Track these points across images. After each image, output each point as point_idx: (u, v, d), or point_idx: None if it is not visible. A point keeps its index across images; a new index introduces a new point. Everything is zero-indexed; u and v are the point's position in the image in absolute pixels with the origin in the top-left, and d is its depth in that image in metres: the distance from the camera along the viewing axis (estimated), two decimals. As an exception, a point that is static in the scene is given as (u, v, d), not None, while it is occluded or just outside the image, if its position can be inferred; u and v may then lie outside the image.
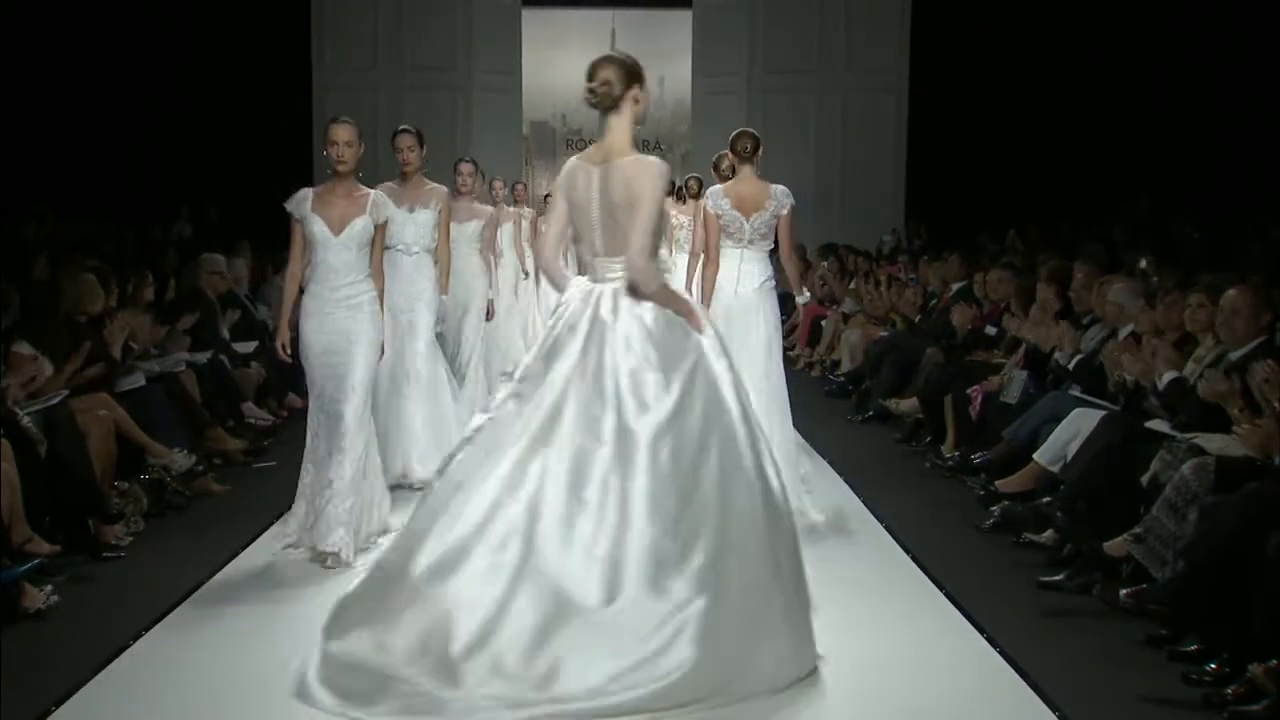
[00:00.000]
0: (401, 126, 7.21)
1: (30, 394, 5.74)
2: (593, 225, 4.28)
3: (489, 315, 8.37)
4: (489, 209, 8.55)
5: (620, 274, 4.23)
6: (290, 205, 5.72)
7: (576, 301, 4.27)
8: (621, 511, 4.00)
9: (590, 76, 4.30)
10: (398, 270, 6.84)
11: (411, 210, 6.91)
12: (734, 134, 6.69)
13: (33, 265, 8.06)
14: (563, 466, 4.06)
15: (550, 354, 4.21)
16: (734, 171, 6.76)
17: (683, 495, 4.04)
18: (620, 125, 4.29)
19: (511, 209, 11.70)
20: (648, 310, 4.21)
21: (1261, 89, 13.60)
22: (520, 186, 13.16)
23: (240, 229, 12.21)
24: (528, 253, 12.29)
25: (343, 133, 5.68)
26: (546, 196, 15.19)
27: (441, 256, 7.19)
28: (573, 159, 4.45)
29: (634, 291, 4.22)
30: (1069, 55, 15.31)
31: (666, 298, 4.27)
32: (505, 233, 11.18)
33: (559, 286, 4.46)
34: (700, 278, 6.69)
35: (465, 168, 8.28)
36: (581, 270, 4.39)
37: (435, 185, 7.13)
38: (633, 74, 4.31)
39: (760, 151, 6.58)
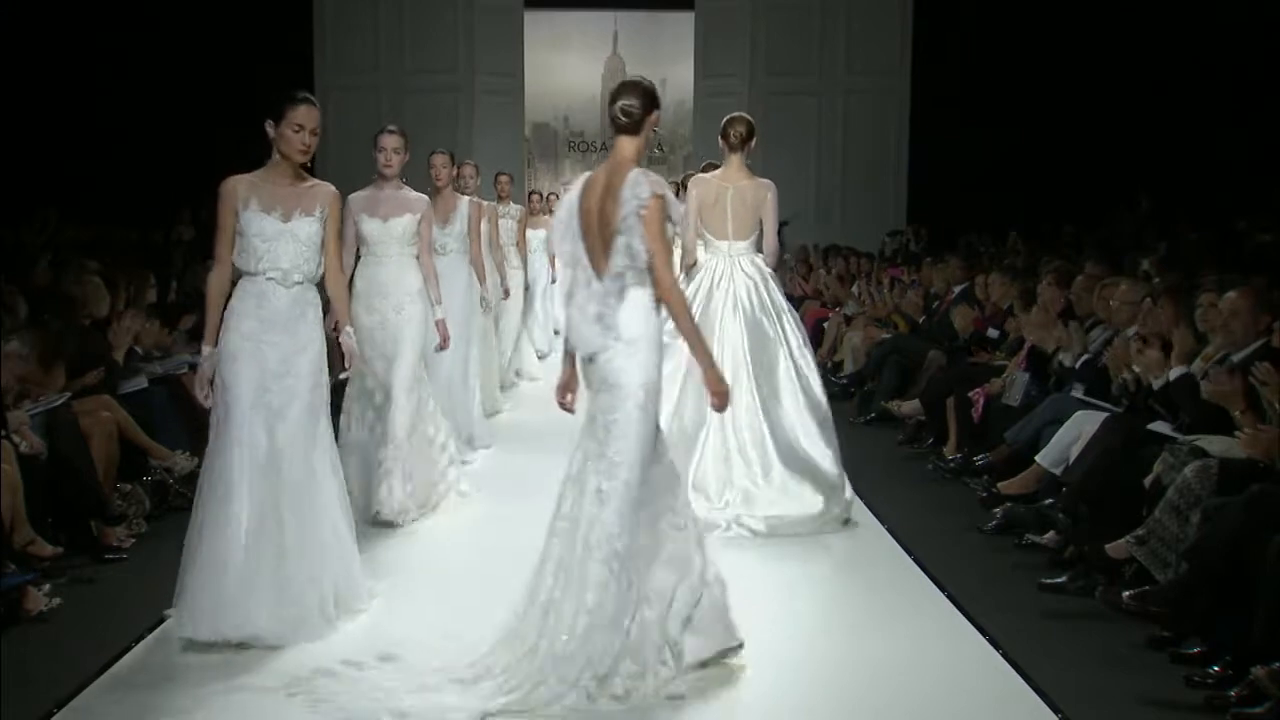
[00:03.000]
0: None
1: (27, 395, 5.72)
2: (725, 221, 6.52)
3: (441, 344, 6.38)
4: (424, 198, 6.44)
5: (745, 249, 6.53)
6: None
7: (719, 264, 6.52)
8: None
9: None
10: None
11: None
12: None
13: (35, 268, 8.07)
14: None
15: (707, 299, 6.39)
16: None
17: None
18: (739, 160, 6.51)
19: (490, 204, 9.34)
20: (755, 271, 6.54)
21: (1261, 89, 13.58)
22: (504, 178, 10.94)
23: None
24: (514, 259, 10.55)
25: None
26: (531, 194, 14.64)
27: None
28: (701, 175, 6.96)
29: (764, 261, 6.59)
30: (1069, 56, 15.31)
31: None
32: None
33: (695, 259, 6.57)
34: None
35: (388, 140, 6.18)
36: (706, 246, 6.58)
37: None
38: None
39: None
